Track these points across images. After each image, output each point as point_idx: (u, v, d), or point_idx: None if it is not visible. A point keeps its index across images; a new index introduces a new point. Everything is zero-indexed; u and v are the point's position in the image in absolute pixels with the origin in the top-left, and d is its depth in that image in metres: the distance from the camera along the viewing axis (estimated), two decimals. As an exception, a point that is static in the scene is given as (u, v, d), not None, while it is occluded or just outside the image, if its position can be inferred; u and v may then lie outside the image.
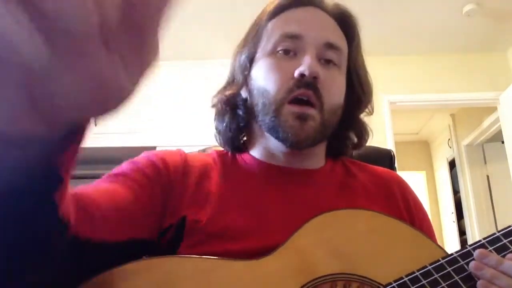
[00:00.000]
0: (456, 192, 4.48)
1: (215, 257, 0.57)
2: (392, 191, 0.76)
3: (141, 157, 0.70)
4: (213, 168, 0.73)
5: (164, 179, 0.67)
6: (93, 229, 0.51)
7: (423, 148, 5.37)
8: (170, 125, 3.30)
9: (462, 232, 4.32)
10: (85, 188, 0.56)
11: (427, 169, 5.26)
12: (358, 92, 0.78)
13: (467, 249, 0.57)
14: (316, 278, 0.55)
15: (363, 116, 0.82)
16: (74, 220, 0.45)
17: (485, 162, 4.19)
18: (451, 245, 4.43)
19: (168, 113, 3.33)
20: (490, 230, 3.79)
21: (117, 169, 0.67)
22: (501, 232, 0.59)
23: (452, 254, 0.57)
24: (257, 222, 0.65)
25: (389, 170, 0.84)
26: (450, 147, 4.51)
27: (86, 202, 0.52)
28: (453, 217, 4.48)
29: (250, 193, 0.70)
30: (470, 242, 3.84)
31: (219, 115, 0.79)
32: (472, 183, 4.11)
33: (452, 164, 4.57)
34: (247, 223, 0.65)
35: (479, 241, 0.58)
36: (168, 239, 0.65)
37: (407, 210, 0.74)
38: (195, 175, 0.70)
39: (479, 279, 0.54)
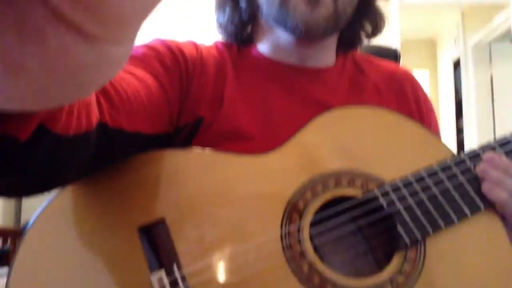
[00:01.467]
0: (457, 92, 4.46)
1: (221, 152, 0.57)
2: (405, 91, 0.74)
3: (158, 43, 0.64)
4: (226, 66, 0.69)
5: (183, 73, 0.63)
6: (128, 120, 0.49)
7: (429, 47, 5.25)
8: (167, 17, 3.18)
9: (459, 130, 4.39)
10: None
11: (431, 68, 5.19)
12: None
13: (476, 152, 0.57)
14: (320, 174, 0.55)
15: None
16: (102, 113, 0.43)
17: (491, 62, 4.12)
18: (448, 143, 4.51)
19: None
20: (489, 129, 3.87)
21: (135, 51, 0.61)
22: None
23: (460, 156, 0.57)
24: (266, 122, 0.64)
25: (401, 67, 0.81)
26: (457, 46, 4.40)
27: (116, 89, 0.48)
28: (453, 116, 4.52)
29: (258, 92, 0.68)
30: (467, 141, 3.92)
31: (219, 7, 0.74)
32: (475, 83, 4.07)
33: (456, 64, 4.50)
34: (256, 123, 0.64)
35: (489, 143, 0.58)
36: (181, 138, 0.63)
37: (418, 112, 0.73)
38: (212, 73, 0.67)
39: (485, 181, 0.54)
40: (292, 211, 0.53)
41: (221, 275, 0.49)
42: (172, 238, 0.51)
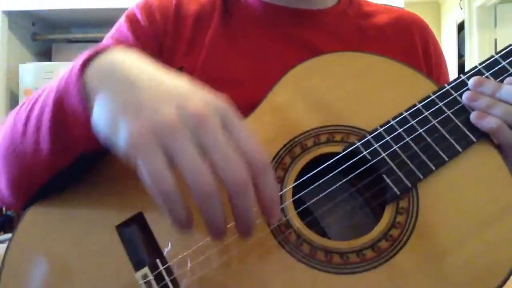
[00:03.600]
0: (460, 56, 4.36)
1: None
2: (413, 39, 0.69)
3: (122, 25, 0.65)
4: (211, 12, 0.66)
5: (153, 39, 0.63)
6: None
7: (433, 9, 5.14)
8: None
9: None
10: None
11: (435, 31, 5.07)
12: None
13: (461, 79, 0.52)
14: (298, 135, 0.51)
15: None
16: None
17: (495, 25, 4.01)
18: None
19: None
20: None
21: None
22: (500, 54, 0.52)
23: (444, 87, 0.52)
24: (255, 68, 0.60)
25: (410, 12, 0.74)
26: (461, 9, 4.29)
27: None
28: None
29: (248, 37, 0.64)
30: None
31: None
32: (479, 46, 3.98)
33: (460, 27, 4.39)
34: (243, 69, 0.60)
35: (475, 67, 0.52)
36: None
37: (426, 63, 0.68)
38: (190, 22, 0.65)
39: (474, 110, 0.49)
40: (272, 181, 0.49)
41: (207, 260, 0.46)
42: (153, 231, 0.48)
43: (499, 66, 0.51)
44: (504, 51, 0.52)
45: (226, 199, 0.35)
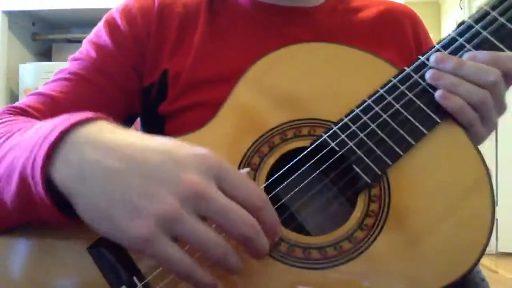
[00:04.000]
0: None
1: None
2: (404, 28, 0.68)
3: (101, 30, 0.64)
4: (197, 13, 0.65)
5: (133, 43, 0.63)
6: None
7: (433, 9, 5.17)
8: None
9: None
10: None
11: (435, 32, 5.10)
12: None
13: (419, 60, 0.51)
14: (264, 134, 0.50)
15: None
16: None
17: None
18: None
19: None
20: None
21: (79, 57, 0.64)
22: (456, 31, 0.52)
23: (404, 70, 0.51)
24: (245, 66, 0.59)
25: (398, 3, 0.74)
26: (462, 9, 4.32)
27: None
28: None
29: (239, 36, 0.64)
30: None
31: None
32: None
33: (460, 27, 4.43)
34: (234, 67, 0.59)
35: (432, 47, 0.52)
36: (152, 97, 0.63)
37: (418, 51, 0.68)
38: (175, 24, 0.64)
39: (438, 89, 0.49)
40: (243, 182, 0.48)
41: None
42: (125, 248, 0.47)
43: (457, 43, 0.51)
44: (458, 28, 0.52)
45: None
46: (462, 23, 0.52)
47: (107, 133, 0.40)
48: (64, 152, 0.39)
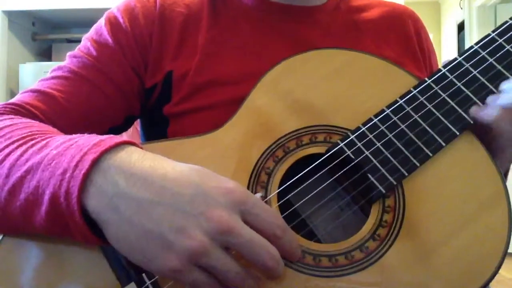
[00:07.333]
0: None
1: (176, 138, 0.52)
2: (406, 30, 0.68)
3: (103, 28, 0.64)
4: (199, 13, 0.65)
5: (135, 42, 0.62)
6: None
7: (433, 9, 5.14)
8: None
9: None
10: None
11: (435, 31, 5.07)
12: None
13: (441, 72, 0.50)
14: (279, 139, 0.50)
15: None
16: None
17: (495, 25, 3.98)
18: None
19: None
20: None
21: (84, 52, 0.63)
22: (479, 45, 0.52)
23: (425, 81, 0.51)
24: (251, 67, 0.59)
25: (401, 4, 0.74)
26: (462, 9, 4.29)
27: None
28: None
29: (243, 35, 0.63)
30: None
31: None
32: (479, 46, 3.96)
33: (460, 27, 4.38)
34: (239, 68, 0.59)
35: (455, 59, 0.51)
36: (155, 98, 0.62)
37: (421, 53, 0.68)
38: (177, 25, 0.63)
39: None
40: (256, 186, 0.48)
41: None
42: None
43: (479, 56, 0.51)
44: (482, 42, 0.52)
45: None
46: (484, 37, 0.52)
47: (138, 161, 0.41)
48: (96, 181, 0.40)
